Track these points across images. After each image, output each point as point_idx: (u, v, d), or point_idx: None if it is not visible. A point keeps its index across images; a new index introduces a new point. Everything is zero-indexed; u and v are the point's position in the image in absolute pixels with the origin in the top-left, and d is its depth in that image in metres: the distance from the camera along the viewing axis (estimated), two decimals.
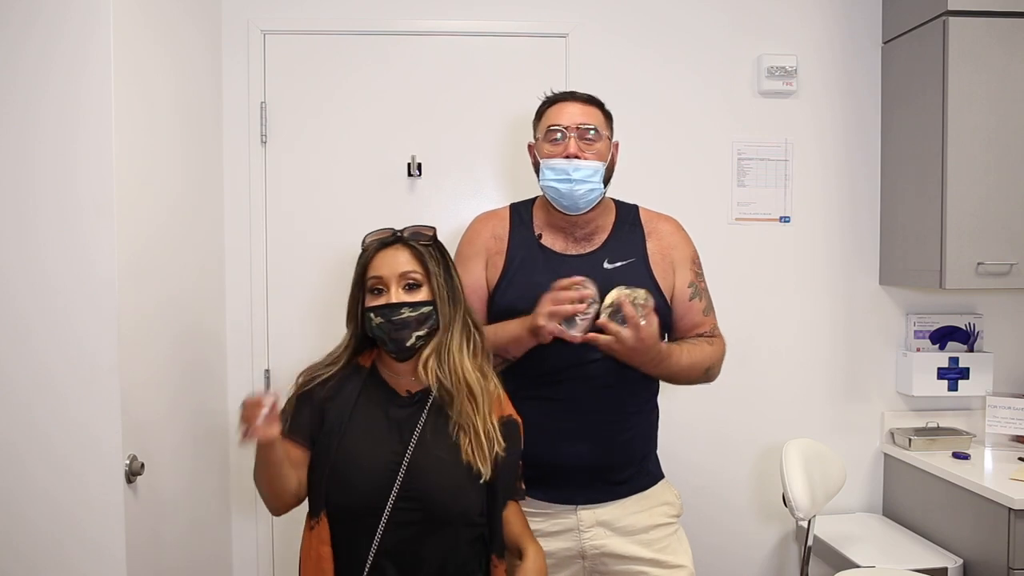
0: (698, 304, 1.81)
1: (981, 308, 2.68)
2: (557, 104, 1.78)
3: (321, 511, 1.45)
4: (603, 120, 1.78)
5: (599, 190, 1.74)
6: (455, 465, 1.46)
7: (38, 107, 1.57)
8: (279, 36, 2.48)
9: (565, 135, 1.73)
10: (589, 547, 1.74)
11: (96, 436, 1.59)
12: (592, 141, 1.73)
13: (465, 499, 1.47)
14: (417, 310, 1.48)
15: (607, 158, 1.75)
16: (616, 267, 1.76)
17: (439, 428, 1.49)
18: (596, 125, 1.74)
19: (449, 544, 1.46)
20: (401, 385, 1.54)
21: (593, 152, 1.72)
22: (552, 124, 1.75)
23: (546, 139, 1.76)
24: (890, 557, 2.30)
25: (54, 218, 1.58)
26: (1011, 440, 2.56)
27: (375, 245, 1.53)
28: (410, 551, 1.44)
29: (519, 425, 1.57)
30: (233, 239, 2.47)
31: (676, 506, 1.84)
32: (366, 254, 1.53)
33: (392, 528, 1.42)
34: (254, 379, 2.49)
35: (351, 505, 1.44)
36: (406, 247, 1.52)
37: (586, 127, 1.73)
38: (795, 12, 2.61)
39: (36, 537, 1.59)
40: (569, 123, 1.73)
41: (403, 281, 1.49)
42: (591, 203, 1.74)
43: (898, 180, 2.56)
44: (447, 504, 1.45)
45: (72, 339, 1.59)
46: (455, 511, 1.46)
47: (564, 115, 1.75)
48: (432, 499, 1.44)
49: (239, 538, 2.51)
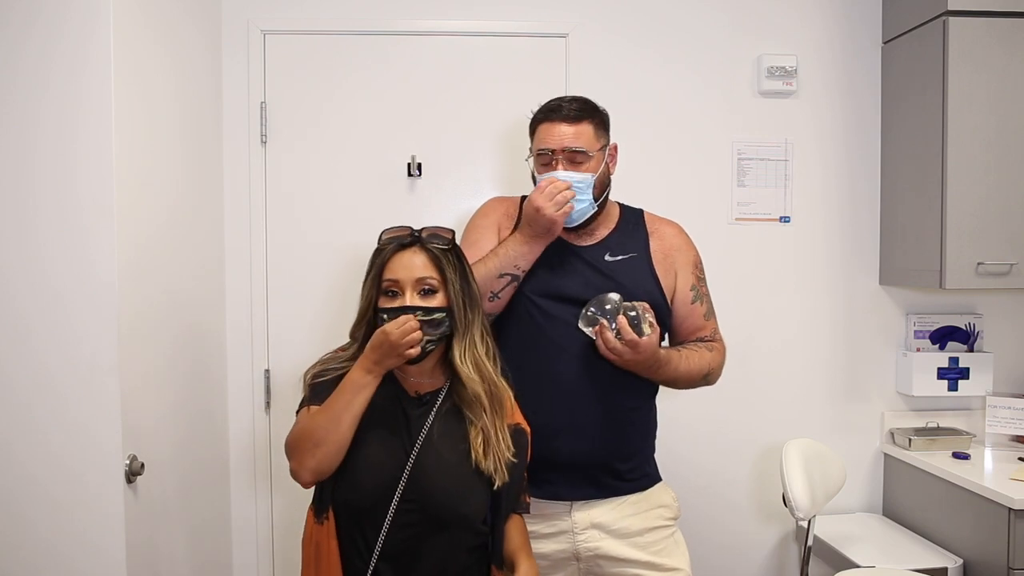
0: (699, 308, 1.82)
1: (981, 308, 2.68)
2: (545, 124, 1.76)
3: (329, 506, 1.45)
4: (593, 135, 1.76)
5: (588, 203, 1.74)
6: (461, 467, 1.46)
7: (38, 107, 1.57)
8: (279, 36, 2.48)
9: (552, 158, 1.74)
10: (583, 549, 1.74)
11: (96, 436, 1.59)
12: (580, 163, 1.73)
13: (468, 503, 1.46)
14: (430, 315, 1.46)
15: (598, 171, 1.75)
16: (617, 260, 1.77)
17: (446, 431, 1.48)
18: (584, 146, 1.73)
19: (450, 548, 1.46)
20: (411, 385, 1.53)
21: (581, 172, 1.73)
22: (541, 147, 1.76)
23: (538, 160, 1.78)
24: (890, 557, 2.30)
25: (54, 218, 1.58)
26: (1011, 440, 2.56)
27: (393, 246, 1.50)
28: (411, 552, 1.43)
29: (528, 435, 1.56)
30: (233, 239, 2.47)
31: (673, 508, 1.83)
32: (383, 254, 1.50)
33: (395, 528, 1.42)
34: (254, 379, 2.49)
35: (357, 503, 1.44)
36: (423, 250, 1.49)
37: (573, 150, 1.73)
38: (795, 12, 2.61)
39: (36, 537, 1.59)
40: (557, 147, 1.73)
41: (419, 287, 1.47)
42: (581, 215, 1.75)
43: (898, 180, 2.56)
44: (449, 506, 1.45)
45: (72, 339, 1.59)
46: (457, 514, 1.45)
47: (553, 137, 1.74)
48: (435, 501, 1.43)
49: (239, 538, 2.51)
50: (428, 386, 1.53)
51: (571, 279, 1.74)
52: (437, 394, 1.52)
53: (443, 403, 1.51)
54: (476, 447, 1.47)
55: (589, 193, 1.73)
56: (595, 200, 1.75)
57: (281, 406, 2.47)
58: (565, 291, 1.72)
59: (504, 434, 1.50)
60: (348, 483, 1.44)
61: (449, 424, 1.49)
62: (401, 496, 1.42)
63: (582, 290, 1.70)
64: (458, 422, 1.50)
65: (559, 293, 1.72)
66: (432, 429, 1.48)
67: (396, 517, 1.42)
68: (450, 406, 1.51)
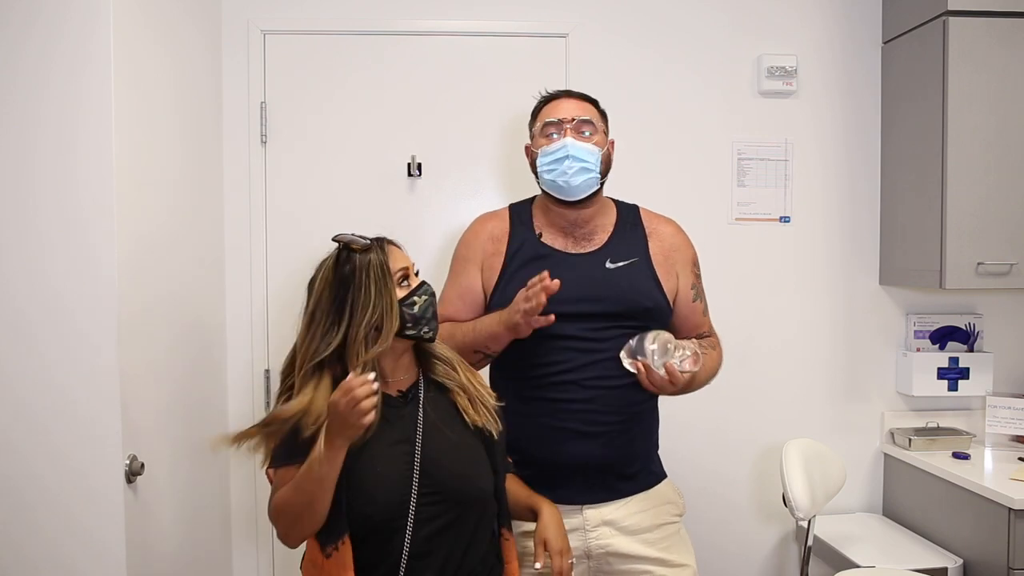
0: (699, 306, 1.84)
1: (981, 308, 2.68)
2: (553, 101, 1.79)
3: (344, 533, 1.37)
4: (599, 117, 1.79)
5: (595, 174, 1.73)
6: (464, 445, 1.49)
7: (38, 107, 1.57)
8: (279, 36, 2.48)
9: (561, 128, 1.74)
10: (595, 546, 1.73)
11: (96, 436, 1.59)
12: (588, 136, 1.74)
13: (479, 479, 1.50)
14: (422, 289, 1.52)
15: (604, 148, 1.76)
16: (619, 267, 1.76)
17: (438, 415, 1.50)
18: (592, 119, 1.76)
19: (474, 528, 1.48)
20: (391, 387, 1.51)
21: (590, 143, 1.74)
22: (549, 119, 1.76)
23: (542, 134, 1.77)
24: (890, 557, 2.30)
25: (54, 218, 1.58)
26: (1011, 440, 2.56)
27: (375, 247, 1.48)
28: (441, 546, 1.43)
29: (495, 396, 1.61)
30: (233, 239, 2.47)
31: (679, 505, 1.84)
32: (378, 257, 1.46)
33: (419, 525, 1.41)
34: (254, 379, 2.49)
35: (376, 515, 1.40)
36: (392, 245, 1.53)
37: (582, 120, 1.74)
38: (795, 12, 2.61)
39: (36, 537, 1.59)
40: (566, 116, 1.74)
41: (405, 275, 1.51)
42: (588, 187, 1.73)
43: (898, 180, 2.56)
44: (467, 485, 1.47)
45: (72, 339, 1.59)
46: (476, 489, 1.49)
47: (560, 110, 1.76)
48: (453, 485, 1.45)
49: (239, 538, 2.51)
50: (406, 381, 1.53)
51: (571, 292, 1.67)
52: (417, 385, 1.53)
53: (425, 392, 1.52)
54: (464, 407, 1.51)
55: (597, 167, 1.73)
56: (600, 176, 1.75)
57: None
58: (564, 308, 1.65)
59: (479, 381, 1.57)
60: (365, 500, 1.40)
61: (438, 407, 1.51)
62: (418, 491, 1.41)
63: (584, 301, 1.69)
64: (443, 401, 1.53)
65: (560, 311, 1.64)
66: (425, 420, 1.48)
67: (418, 512, 1.41)
68: (431, 392, 1.53)
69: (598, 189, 1.77)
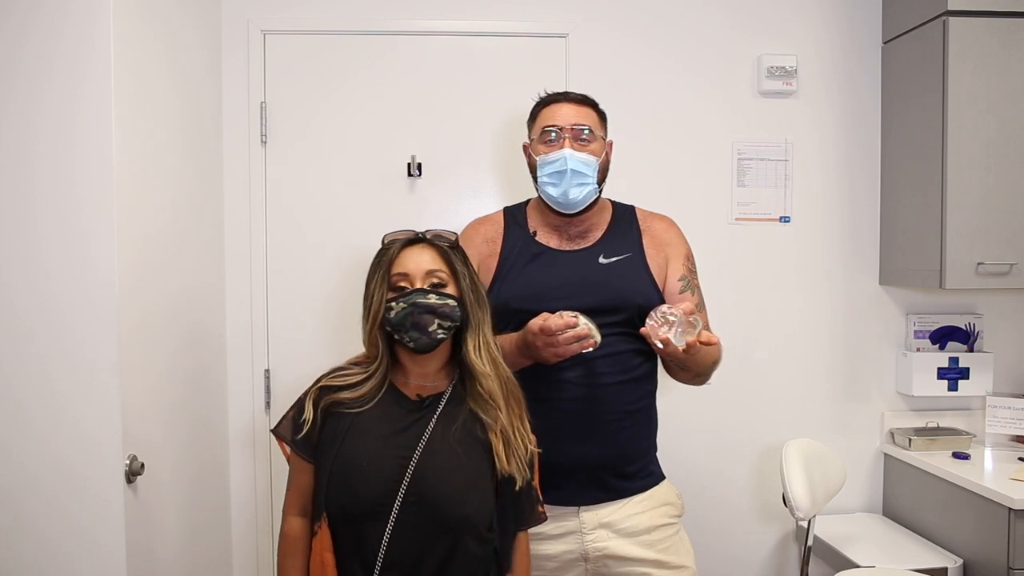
0: (689, 297, 1.78)
1: (981, 308, 2.68)
2: (551, 105, 1.79)
3: (322, 516, 1.43)
4: (597, 120, 1.79)
5: (593, 186, 1.74)
6: (464, 469, 1.45)
7: (38, 107, 1.57)
8: (279, 36, 2.48)
9: (559, 135, 1.74)
10: (592, 549, 1.73)
11: (96, 436, 1.59)
12: (586, 141, 1.74)
13: (472, 504, 1.44)
14: (443, 299, 1.45)
15: (601, 155, 1.76)
16: (611, 262, 1.76)
17: (450, 433, 1.46)
18: (590, 125, 1.76)
19: (454, 553, 1.43)
20: (412, 388, 1.51)
21: (588, 152, 1.74)
22: (547, 124, 1.76)
23: (540, 139, 1.77)
24: (890, 557, 2.30)
25: (54, 218, 1.58)
26: (1011, 440, 2.56)
27: (399, 244, 1.50)
28: (415, 558, 1.41)
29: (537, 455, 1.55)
30: (233, 239, 2.47)
31: (678, 506, 1.83)
32: (390, 252, 1.49)
33: (398, 533, 1.40)
34: (254, 379, 2.49)
35: (352, 508, 1.42)
36: (431, 247, 1.50)
37: (580, 127, 1.74)
38: (795, 12, 2.61)
39: (36, 537, 1.59)
40: (563, 123, 1.74)
41: (429, 279, 1.47)
42: (586, 199, 1.75)
43: (898, 180, 2.56)
44: (451, 508, 1.42)
45: (72, 339, 1.59)
46: (460, 515, 1.43)
47: (558, 116, 1.76)
48: (436, 503, 1.41)
49: (239, 538, 2.51)
50: (430, 389, 1.51)
51: (564, 287, 1.70)
52: (440, 397, 1.50)
53: (446, 405, 1.49)
54: (498, 451, 1.46)
55: (594, 176, 1.74)
56: (597, 184, 1.76)
57: (281, 406, 2.45)
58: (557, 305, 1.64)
59: (524, 430, 1.50)
60: (343, 490, 1.42)
61: (454, 426, 1.47)
62: (403, 500, 1.40)
63: (576, 296, 1.68)
64: (464, 424, 1.48)
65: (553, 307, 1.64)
66: (435, 432, 1.46)
67: (399, 519, 1.40)
68: (453, 408, 1.49)
69: (596, 198, 1.78)
